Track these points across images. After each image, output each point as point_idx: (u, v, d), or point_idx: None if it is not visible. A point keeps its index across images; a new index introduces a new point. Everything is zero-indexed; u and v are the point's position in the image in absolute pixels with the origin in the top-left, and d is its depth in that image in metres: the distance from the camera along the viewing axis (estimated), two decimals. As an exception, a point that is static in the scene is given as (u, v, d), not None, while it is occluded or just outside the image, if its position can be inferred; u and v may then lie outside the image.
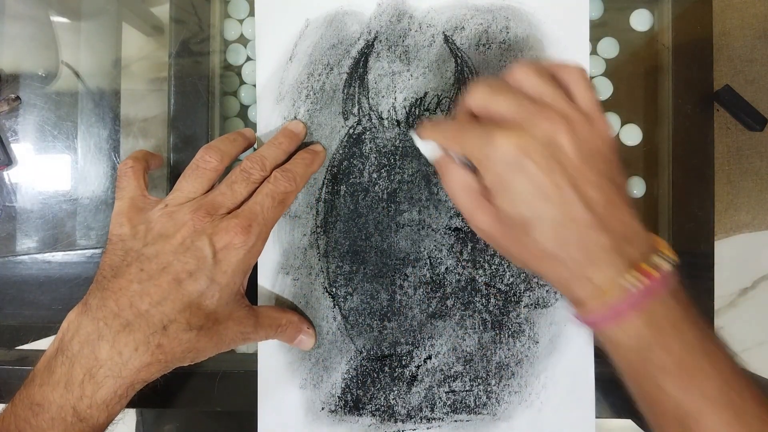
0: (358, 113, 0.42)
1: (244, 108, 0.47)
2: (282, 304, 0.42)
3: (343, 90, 0.42)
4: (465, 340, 0.42)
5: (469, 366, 0.42)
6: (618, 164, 0.33)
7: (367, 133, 0.42)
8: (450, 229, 0.42)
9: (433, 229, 0.42)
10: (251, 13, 0.46)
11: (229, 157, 0.39)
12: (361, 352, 0.42)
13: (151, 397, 0.37)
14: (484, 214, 0.34)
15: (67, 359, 0.33)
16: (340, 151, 0.42)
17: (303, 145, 0.42)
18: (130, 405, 0.35)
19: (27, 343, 0.48)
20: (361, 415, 0.42)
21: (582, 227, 0.31)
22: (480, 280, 0.42)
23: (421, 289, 0.42)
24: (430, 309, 0.42)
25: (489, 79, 0.34)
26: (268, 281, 0.42)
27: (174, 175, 0.43)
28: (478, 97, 0.34)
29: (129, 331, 0.33)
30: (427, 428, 0.42)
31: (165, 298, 0.34)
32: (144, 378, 0.34)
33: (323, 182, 0.42)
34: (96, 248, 0.48)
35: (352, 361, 0.42)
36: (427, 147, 0.37)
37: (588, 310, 0.32)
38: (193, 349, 0.35)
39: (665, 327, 0.31)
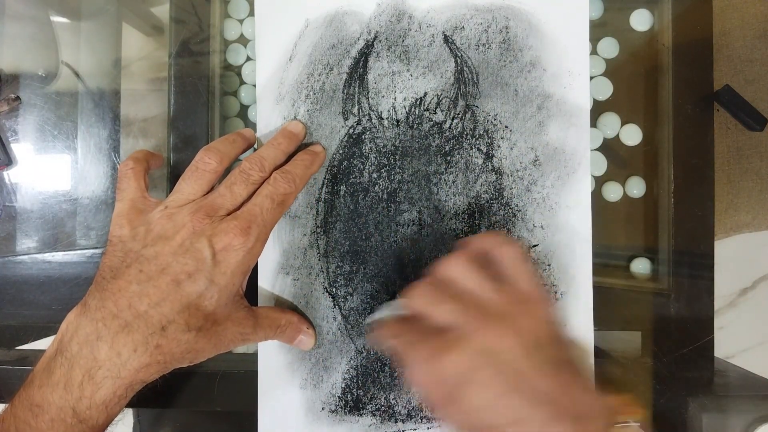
0: (358, 113, 0.42)
1: (244, 108, 0.47)
2: (282, 304, 0.42)
3: (343, 90, 0.42)
4: (465, 340, 0.42)
5: (469, 366, 0.42)
6: (562, 342, 0.34)
7: (367, 133, 0.42)
8: (450, 229, 0.42)
9: (433, 229, 0.42)
10: (251, 13, 0.46)
11: (228, 158, 0.39)
12: (361, 352, 0.42)
13: (150, 398, 0.37)
14: (451, 413, 0.34)
15: (66, 360, 0.33)
16: (340, 151, 0.42)
17: (303, 146, 0.42)
18: (129, 405, 0.35)
19: (27, 343, 0.48)
20: (361, 415, 0.42)
21: (540, 425, 0.31)
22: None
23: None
24: (430, 309, 0.42)
25: (425, 283, 0.36)
26: (268, 281, 0.42)
27: (174, 175, 0.43)
28: (419, 304, 0.35)
29: (128, 332, 0.33)
30: (428, 428, 0.42)
31: (164, 299, 0.34)
32: (143, 379, 0.34)
33: (323, 182, 0.42)
34: (96, 248, 0.48)
35: (352, 361, 0.42)
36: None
37: None
38: (192, 350, 0.35)
39: None
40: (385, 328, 0.38)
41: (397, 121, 0.42)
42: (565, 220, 0.42)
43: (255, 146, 0.42)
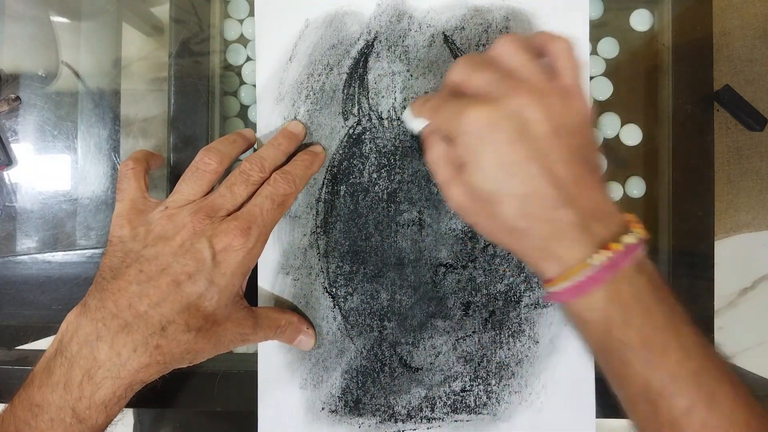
0: (358, 113, 0.42)
1: (244, 108, 0.47)
2: (282, 304, 0.42)
3: (343, 90, 0.42)
4: (465, 340, 0.42)
5: (469, 366, 0.42)
6: (592, 142, 0.33)
7: (367, 133, 0.42)
8: (450, 229, 0.42)
9: (433, 229, 0.42)
10: (251, 13, 0.46)
11: (228, 158, 0.39)
12: (361, 352, 0.42)
13: (150, 398, 0.37)
14: (456, 186, 0.34)
15: (66, 360, 0.33)
16: (340, 152, 0.42)
17: (303, 146, 0.42)
18: (129, 405, 0.35)
19: (27, 343, 0.48)
20: (361, 415, 0.42)
21: (547, 203, 0.31)
22: (480, 280, 0.42)
23: (421, 289, 0.42)
24: (430, 309, 0.42)
25: (471, 54, 0.35)
26: (268, 281, 0.42)
27: (174, 175, 0.43)
28: (458, 71, 0.34)
29: (128, 332, 0.33)
30: (427, 428, 0.42)
31: (164, 299, 0.34)
32: (142, 379, 0.34)
33: (323, 182, 0.42)
34: (96, 248, 0.48)
35: (352, 361, 0.42)
36: (416, 123, 0.38)
37: (554, 286, 0.32)
38: (192, 351, 0.35)
39: (630, 303, 0.31)
40: (418, 100, 0.37)
41: (398, 121, 0.42)
42: (565, 220, 0.42)
43: (255, 146, 0.42)
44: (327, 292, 0.42)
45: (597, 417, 0.42)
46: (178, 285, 0.34)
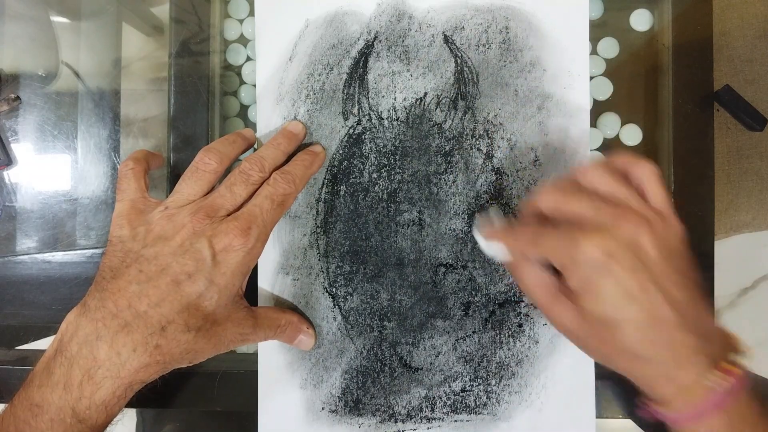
0: (358, 113, 0.42)
1: (244, 108, 0.47)
2: (282, 304, 0.42)
3: (343, 90, 0.42)
4: (465, 339, 0.42)
5: (469, 366, 0.42)
6: (690, 260, 0.33)
7: (367, 133, 0.42)
8: (450, 229, 0.42)
9: (433, 229, 0.42)
10: (251, 13, 0.46)
11: (228, 158, 0.39)
12: (361, 352, 0.42)
13: (150, 398, 0.37)
14: (565, 311, 0.34)
15: (65, 360, 0.33)
16: (340, 151, 0.42)
17: (303, 146, 0.42)
18: (129, 405, 0.35)
19: (27, 343, 0.48)
20: (361, 415, 0.42)
21: (669, 328, 0.31)
22: (480, 280, 0.42)
23: (421, 289, 0.42)
24: (430, 309, 0.42)
25: (558, 180, 0.35)
26: (268, 281, 0.42)
27: (174, 175, 0.43)
28: (550, 199, 0.34)
29: (127, 332, 0.33)
30: (427, 428, 0.42)
31: (163, 299, 0.34)
32: (142, 379, 0.34)
33: (323, 182, 0.42)
34: (96, 248, 0.48)
35: (352, 361, 0.42)
36: (493, 247, 0.37)
37: (671, 409, 0.32)
38: (192, 350, 0.35)
39: (744, 428, 0.31)
40: (501, 228, 0.37)
41: (397, 121, 0.42)
42: (565, 220, 0.42)
43: (255, 146, 0.42)
44: (327, 292, 0.42)
45: (597, 417, 0.42)
46: (178, 285, 0.34)
